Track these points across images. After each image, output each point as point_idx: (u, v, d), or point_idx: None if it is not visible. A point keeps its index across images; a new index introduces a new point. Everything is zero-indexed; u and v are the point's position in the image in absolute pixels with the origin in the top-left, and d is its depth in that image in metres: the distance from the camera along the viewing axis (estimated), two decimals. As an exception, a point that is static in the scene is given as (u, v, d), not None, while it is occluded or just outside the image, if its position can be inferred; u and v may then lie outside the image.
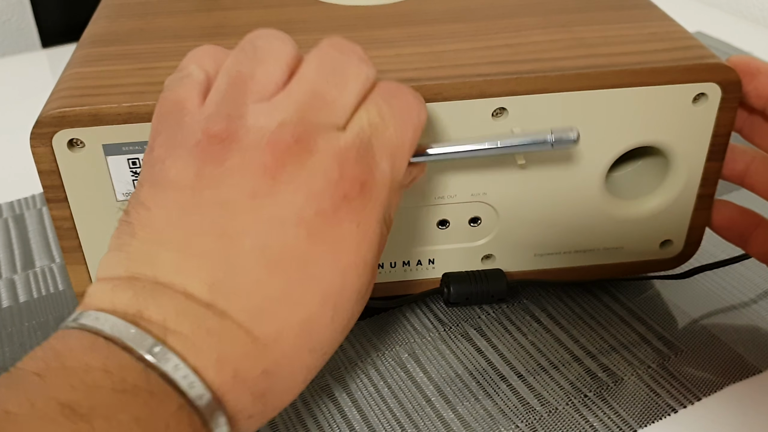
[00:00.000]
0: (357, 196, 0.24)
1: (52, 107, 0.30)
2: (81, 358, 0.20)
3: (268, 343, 0.23)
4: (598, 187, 0.34)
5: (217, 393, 0.22)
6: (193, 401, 0.21)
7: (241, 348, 0.22)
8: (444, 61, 0.32)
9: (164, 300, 0.22)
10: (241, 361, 0.22)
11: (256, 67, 0.25)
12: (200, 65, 0.26)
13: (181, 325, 0.22)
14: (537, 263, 0.37)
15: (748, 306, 0.38)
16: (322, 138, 0.24)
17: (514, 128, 0.32)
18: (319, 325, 0.23)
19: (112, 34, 0.36)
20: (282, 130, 0.23)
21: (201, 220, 0.23)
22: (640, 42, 0.33)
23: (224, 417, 0.22)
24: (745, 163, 0.34)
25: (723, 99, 0.32)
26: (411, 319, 0.38)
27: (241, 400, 0.22)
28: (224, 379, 0.22)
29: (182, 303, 0.22)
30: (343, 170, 0.24)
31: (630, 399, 0.33)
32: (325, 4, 0.39)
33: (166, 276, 0.23)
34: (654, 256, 0.37)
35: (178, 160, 0.24)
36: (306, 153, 0.23)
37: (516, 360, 0.35)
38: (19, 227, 0.46)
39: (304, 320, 0.23)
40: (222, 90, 0.25)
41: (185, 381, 0.21)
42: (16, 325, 0.38)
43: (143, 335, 0.21)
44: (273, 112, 0.24)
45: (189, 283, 0.22)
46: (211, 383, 0.21)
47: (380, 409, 0.33)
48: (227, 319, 0.22)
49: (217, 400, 0.21)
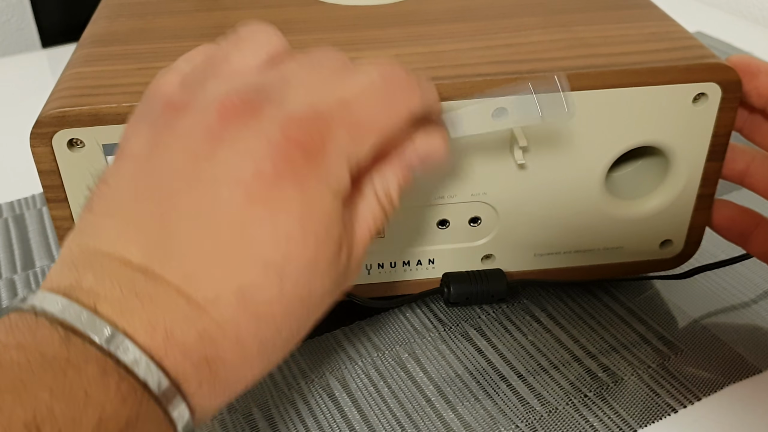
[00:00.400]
0: (303, 162, 0.23)
1: (51, 107, 0.30)
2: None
3: (206, 306, 0.22)
4: (598, 186, 0.34)
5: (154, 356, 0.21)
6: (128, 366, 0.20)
7: (173, 310, 0.21)
8: (444, 61, 0.32)
9: (98, 268, 0.22)
10: (174, 323, 0.21)
11: (233, 52, 0.25)
12: (189, 60, 0.27)
13: (113, 291, 0.21)
14: (537, 263, 0.37)
15: (748, 306, 0.38)
16: (272, 106, 0.23)
17: (515, 128, 0.32)
18: (263, 293, 0.22)
19: (112, 34, 0.36)
20: (234, 93, 0.23)
21: (147, 186, 0.23)
22: (640, 42, 0.33)
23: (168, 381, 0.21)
24: (746, 162, 0.34)
25: (723, 99, 0.32)
26: (411, 319, 0.38)
27: (180, 365, 0.21)
28: (157, 342, 0.21)
29: (117, 269, 0.22)
30: (288, 133, 0.23)
31: (630, 399, 0.33)
32: (325, 4, 0.39)
33: (107, 245, 0.22)
34: (654, 256, 0.37)
35: (139, 134, 0.24)
36: (252, 116, 0.23)
37: (516, 360, 0.35)
38: (19, 227, 0.46)
39: (244, 285, 0.22)
40: (195, 66, 0.25)
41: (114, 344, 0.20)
42: (16, 325, 0.38)
43: (71, 304, 0.21)
44: (233, 82, 0.24)
45: (126, 250, 0.22)
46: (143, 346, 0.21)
47: (380, 409, 0.33)
48: (161, 281, 0.22)
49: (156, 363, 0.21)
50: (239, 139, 0.23)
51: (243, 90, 0.23)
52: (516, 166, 0.33)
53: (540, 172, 0.33)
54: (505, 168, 0.33)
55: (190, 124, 0.23)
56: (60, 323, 0.20)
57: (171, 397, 0.21)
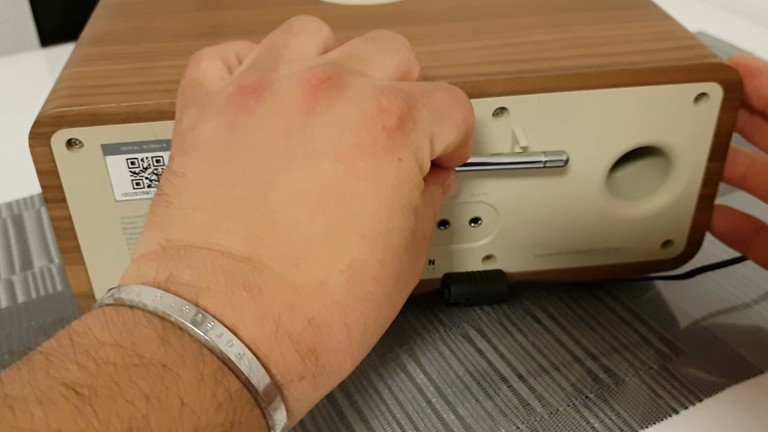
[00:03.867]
0: (396, 129, 0.22)
1: (50, 107, 0.30)
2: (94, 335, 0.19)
3: (314, 291, 0.21)
4: (600, 187, 0.34)
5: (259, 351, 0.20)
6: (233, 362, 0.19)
7: (282, 298, 0.20)
8: (444, 61, 0.32)
9: (197, 261, 0.21)
10: (282, 313, 0.20)
11: (291, 38, 0.25)
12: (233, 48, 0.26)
13: (216, 283, 0.20)
14: (538, 264, 0.37)
15: (750, 307, 0.38)
16: (356, 78, 0.23)
17: (515, 128, 0.32)
18: (368, 270, 0.21)
19: (110, 33, 0.36)
20: (314, 69, 0.23)
21: (235, 171, 0.22)
22: (641, 41, 0.33)
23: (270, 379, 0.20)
24: (746, 165, 0.34)
25: (725, 98, 0.32)
26: (411, 319, 0.38)
27: (287, 358, 0.20)
28: (265, 334, 0.20)
29: (218, 260, 0.21)
30: (380, 102, 0.22)
31: (631, 400, 0.33)
32: (325, 4, 0.38)
33: (201, 237, 0.21)
34: (655, 256, 0.37)
35: (209, 121, 0.23)
36: (339, 88, 0.22)
37: (517, 361, 0.35)
38: (18, 228, 0.46)
39: (352, 264, 0.21)
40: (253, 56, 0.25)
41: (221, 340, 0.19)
42: (15, 326, 0.38)
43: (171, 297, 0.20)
44: (306, 62, 0.24)
45: (225, 240, 0.21)
46: (250, 341, 0.20)
47: (380, 411, 0.33)
48: (267, 269, 0.21)
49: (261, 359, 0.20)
50: (331, 111, 0.22)
51: (321, 65, 0.23)
52: (517, 166, 0.33)
53: (541, 173, 0.33)
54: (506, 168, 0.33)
55: (273, 103, 0.22)
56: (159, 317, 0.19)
57: (272, 397, 0.20)
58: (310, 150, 0.22)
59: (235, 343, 0.19)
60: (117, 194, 0.31)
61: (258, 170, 0.22)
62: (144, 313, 0.20)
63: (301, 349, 0.21)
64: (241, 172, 0.22)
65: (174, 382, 0.18)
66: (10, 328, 0.38)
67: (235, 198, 0.22)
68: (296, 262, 0.21)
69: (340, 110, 0.22)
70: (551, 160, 0.31)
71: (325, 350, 0.21)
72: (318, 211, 0.21)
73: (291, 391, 0.21)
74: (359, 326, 0.22)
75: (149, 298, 0.20)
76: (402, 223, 0.22)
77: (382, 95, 0.22)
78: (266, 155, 0.22)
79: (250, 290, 0.20)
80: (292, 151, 0.22)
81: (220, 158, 0.22)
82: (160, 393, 0.18)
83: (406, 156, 0.22)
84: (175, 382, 0.18)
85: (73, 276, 0.33)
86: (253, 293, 0.20)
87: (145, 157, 0.31)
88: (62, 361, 0.18)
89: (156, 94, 0.30)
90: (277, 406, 0.20)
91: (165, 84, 0.30)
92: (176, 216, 0.22)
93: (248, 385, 0.20)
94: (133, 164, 0.31)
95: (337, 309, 0.21)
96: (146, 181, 0.31)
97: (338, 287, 0.21)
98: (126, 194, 0.31)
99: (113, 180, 0.31)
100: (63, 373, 0.18)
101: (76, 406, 0.17)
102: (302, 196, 0.21)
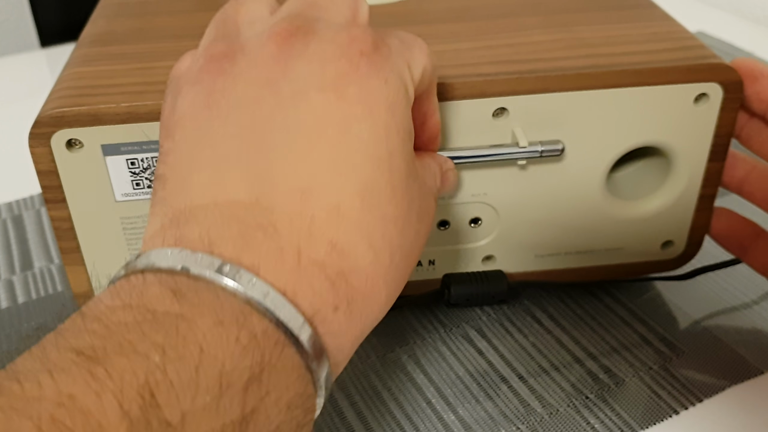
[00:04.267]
0: (373, 52, 0.22)
1: (50, 107, 0.30)
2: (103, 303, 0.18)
3: (330, 216, 0.20)
4: (599, 187, 0.34)
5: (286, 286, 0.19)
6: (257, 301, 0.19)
7: (299, 229, 0.20)
8: (444, 61, 0.32)
9: (204, 217, 0.20)
10: (302, 242, 0.20)
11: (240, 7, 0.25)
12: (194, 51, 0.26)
13: (229, 230, 0.20)
14: (538, 264, 0.36)
15: (750, 307, 0.38)
16: (321, 22, 0.23)
17: (515, 128, 0.32)
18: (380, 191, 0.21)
19: (110, 33, 0.36)
20: (280, 23, 0.23)
21: (225, 128, 0.22)
22: (641, 42, 0.33)
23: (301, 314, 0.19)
24: (745, 171, 0.34)
25: (725, 99, 0.32)
26: (411, 320, 0.38)
27: (315, 287, 0.20)
28: (289, 267, 0.19)
29: (225, 210, 0.20)
30: (351, 32, 0.23)
31: (631, 400, 0.33)
32: (325, 4, 0.38)
33: (205, 196, 0.21)
34: (655, 257, 0.37)
35: (186, 96, 0.23)
36: (309, 34, 0.23)
37: (517, 361, 0.35)
38: (18, 228, 0.46)
39: (364, 185, 0.21)
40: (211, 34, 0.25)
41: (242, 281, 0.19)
42: (15, 326, 0.38)
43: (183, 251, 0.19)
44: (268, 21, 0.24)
45: (228, 192, 0.21)
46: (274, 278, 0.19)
47: (380, 411, 0.33)
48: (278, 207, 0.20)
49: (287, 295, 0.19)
50: (307, 51, 0.22)
51: (287, 18, 0.23)
52: (517, 166, 0.33)
53: (541, 173, 0.33)
54: (505, 168, 0.33)
55: (248, 61, 0.23)
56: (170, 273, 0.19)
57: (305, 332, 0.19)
58: (297, 88, 0.22)
59: (257, 282, 0.19)
60: (117, 194, 0.31)
61: (249, 120, 0.22)
62: (155, 274, 0.19)
63: (330, 274, 0.20)
64: (231, 126, 0.22)
65: (190, 330, 0.18)
66: (10, 329, 0.38)
67: (232, 151, 0.22)
68: (306, 191, 0.21)
69: (316, 47, 0.22)
70: (547, 149, 0.31)
71: (354, 273, 0.21)
72: (318, 139, 0.21)
73: (325, 324, 0.20)
74: (385, 248, 0.21)
75: (159, 258, 0.19)
76: (400, 145, 0.22)
77: (351, 28, 0.23)
78: (254, 105, 0.22)
79: (265, 230, 0.20)
80: (279, 95, 0.22)
81: (206, 123, 0.22)
82: (177, 343, 0.17)
83: (391, 78, 0.23)
84: (191, 330, 0.18)
85: (73, 276, 0.33)
86: (268, 232, 0.20)
87: (145, 158, 0.31)
88: (72, 332, 0.18)
89: (156, 94, 0.30)
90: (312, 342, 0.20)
91: (165, 84, 0.30)
92: (175, 186, 0.22)
93: (277, 324, 0.19)
94: (133, 164, 0.31)
95: (357, 230, 0.21)
96: (146, 182, 0.31)
97: (354, 210, 0.21)
98: (126, 194, 0.31)
99: (113, 180, 0.31)
100: (72, 341, 0.17)
101: (87, 369, 0.16)
102: (300, 130, 0.21)
